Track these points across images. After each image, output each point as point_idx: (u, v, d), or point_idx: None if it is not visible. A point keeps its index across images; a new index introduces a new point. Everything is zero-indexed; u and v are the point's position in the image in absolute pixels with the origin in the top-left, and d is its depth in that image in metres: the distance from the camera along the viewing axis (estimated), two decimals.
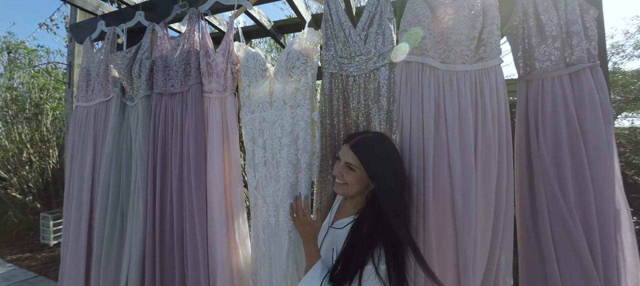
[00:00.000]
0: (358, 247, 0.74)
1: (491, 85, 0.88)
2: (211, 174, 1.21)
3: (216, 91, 1.24)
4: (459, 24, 0.90)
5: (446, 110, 0.90)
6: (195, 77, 1.27)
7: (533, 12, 0.91)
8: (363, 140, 0.84)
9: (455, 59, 0.92)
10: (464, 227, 0.78)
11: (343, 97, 1.11)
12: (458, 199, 0.82)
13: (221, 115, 1.24)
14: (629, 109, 4.06)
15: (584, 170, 0.79)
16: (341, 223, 0.88)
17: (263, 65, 1.16)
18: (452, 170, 0.84)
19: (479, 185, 0.83)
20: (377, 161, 0.80)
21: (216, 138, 1.22)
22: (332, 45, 1.11)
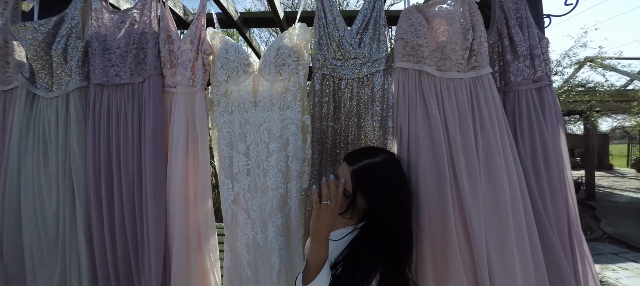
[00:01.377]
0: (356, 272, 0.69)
1: (486, 91, 0.94)
2: (173, 187, 0.98)
3: (181, 85, 1.02)
4: (453, 35, 0.95)
5: (446, 116, 0.93)
6: (154, 67, 1.01)
7: (507, 33, 1.03)
8: (366, 168, 0.75)
9: (451, 67, 0.97)
10: (478, 233, 0.81)
11: (334, 100, 1.05)
12: (469, 208, 0.84)
13: (187, 115, 1.02)
14: None
15: (553, 172, 0.91)
16: (338, 234, 0.81)
17: (246, 59, 1.00)
18: (459, 176, 0.87)
19: (484, 188, 0.87)
20: (378, 192, 0.73)
21: (180, 143, 0.99)
22: (325, 45, 1.03)
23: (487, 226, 0.84)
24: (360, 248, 0.72)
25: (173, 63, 1.03)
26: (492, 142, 0.92)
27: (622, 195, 6.91)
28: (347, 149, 1.05)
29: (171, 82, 1.03)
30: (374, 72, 1.01)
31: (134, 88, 1.02)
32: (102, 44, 1.00)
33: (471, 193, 0.87)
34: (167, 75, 1.03)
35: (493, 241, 0.84)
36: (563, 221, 0.94)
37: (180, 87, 1.02)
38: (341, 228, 0.82)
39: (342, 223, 0.84)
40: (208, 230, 1.04)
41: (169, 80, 1.03)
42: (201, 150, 1.02)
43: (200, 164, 1.01)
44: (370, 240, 0.72)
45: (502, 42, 1.04)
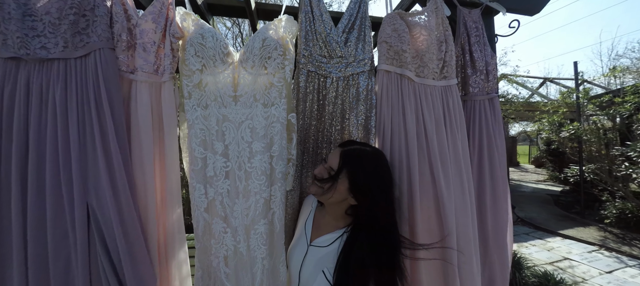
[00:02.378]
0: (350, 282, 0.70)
1: (454, 99, 1.06)
2: (137, 193, 0.81)
3: (143, 72, 0.84)
4: (431, 45, 1.03)
5: (425, 119, 1.01)
6: (105, 40, 0.80)
7: (468, 50, 1.17)
8: (356, 152, 0.78)
9: (428, 75, 1.05)
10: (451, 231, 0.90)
11: (318, 98, 1.02)
12: (445, 202, 0.94)
13: (152, 108, 0.85)
14: None
15: (497, 165, 1.09)
16: (325, 240, 0.82)
17: (225, 47, 0.89)
18: (436, 176, 0.95)
19: (453, 181, 0.98)
20: (363, 178, 0.74)
21: (145, 142, 0.82)
22: (311, 41, 0.99)
23: (457, 205, 0.97)
24: (352, 252, 0.73)
25: (130, 43, 0.84)
26: (458, 143, 1.05)
27: (527, 186, 8.73)
28: (329, 149, 1.04)
29: (128, 66, 0.84)
30: (359, 72, 1.02)
31: (69, 65, 0.79)
32: (20, 6, 0.74)
33: (445, 183, 0.97)
34: (123, 57, 0.83)
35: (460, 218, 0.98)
36: (503, 205, 1.14)
37: (141, 73, 0.84)
38: (329, 233, 0.82)
39: (330, 227, 0.84)
40: (175, 244, 0.90)
41: (125, 64, 0.83)
42: (169, 150, 0.87)
43: (168, 166, 0.86)
44: (362, 243, 0.73)
45: (464, 57, 1.18)
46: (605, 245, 3.72)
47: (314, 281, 0.76)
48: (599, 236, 4.07)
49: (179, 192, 0.91)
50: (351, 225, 0.79)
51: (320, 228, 0.85)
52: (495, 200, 1.13)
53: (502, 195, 1.13)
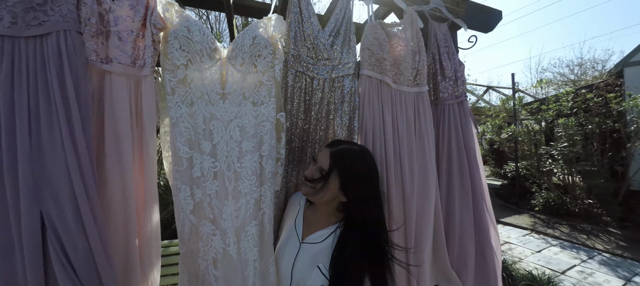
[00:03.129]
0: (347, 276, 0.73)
1: (424, 105, 1.17)
2: (113, 195, 0.74)
3: (119, 63, 0.76)
4: (407, 55, 1.12)
5: (398, 121, 1.10)
6: (70, 21, 0.70)
7: (438, 59, 1.30)
8: (345, 152, 0.81)
9: (403, 82, 1.14)
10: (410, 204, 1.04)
11: (304, 98, 1.05)
12: (407, 194, 1.05)
13: (130, 103, 0.78)
14: None
15: (469, 160, 1.23)
16: (318, 237, 0.84)
17: (213, 42, 0.85)
18: (403, 172, 1.05)
19: (418, 175, 1.10)
20: (352, 177, 0.78)
21: (123, 139, 0.75)
22: (300, 41, 1.01)
23: (418, 198, 1.09)
24: (345, 248, 0.75)
25: (100, 30, 0.76)
26: (425, 143, 1.16)
27: None
28: (314, 148, 1.07)
29: (99, 55, 0.75)
30: (344, 75, 1.07)
31: (16, 45, 0.68)
32: None
33: (410, 178, 1.08)
34: (92, 44, 0.74)
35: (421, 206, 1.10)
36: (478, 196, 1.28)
37: (116, 64, 0.76)
38: (321, 230, 0.85)
39: (322, 224, 0.86)
40: (151, 251, 0.83)
41: (93, 52, 0.75)
42: (147, 148, 0.80)
43: (147, 166, 0.80)
44: (356, 237, 0.76)
45: (435, 65, 1.31)
46: (535, 229, 4.41)
47: (309, 278, 0.78)
48: (530, 222, 4.80)
49: (157, 193, 0.85)
50: (343, 220, 0.82)
51: (312, 226, 0.87)
52: (464, 193, 1.26)
53: (477, 186, 1.27)
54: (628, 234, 4.04)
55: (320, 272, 0.77)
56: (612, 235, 4.04)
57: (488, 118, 8.14)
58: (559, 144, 5.12)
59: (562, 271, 3.04)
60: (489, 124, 8.00)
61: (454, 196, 1.21)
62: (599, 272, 3.00)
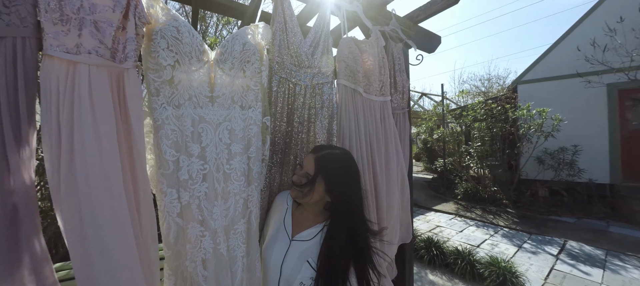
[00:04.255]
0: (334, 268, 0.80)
1: (388, 112, 1.37)
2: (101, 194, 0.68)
3: (96, 55, 0.70)
4: (375, 69, 1.30)
5: (368, 126, 1.27)
6: (29, 25, 0.62)
7: (393, 74, 1.53)
8: (328, 157, 0.88)
9: (372, 92, 1.32)
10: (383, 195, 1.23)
11: (288, 103, 1.12)
12: (380, 190, 1.22)
13: (112, 96, 0.72)
14: None
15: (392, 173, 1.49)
16: (307, 234, 0.91)
17: (201, 45, 0.86)
18: (375, 170, 1.23)
19: (384, 172, 1.29)
20: (337, 179, 0.85)
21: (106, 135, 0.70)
22: (284, 50, 1.08)
23: (387, 191, 1.29)
24: (332, 244, 0.83)
25: (68, 17, 0.68)
26: (390, 145, 1.38)
27: None
28: (297, 150, 1.16)
29: (59, 44, 0.67)
30: (324, 83, 1.18)
31: None
32: None
33: (380, 173, 1.28)
34: (50, 33, 0.66)
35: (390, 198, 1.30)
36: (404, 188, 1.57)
37: (94, 57, 0.70)
38: (310, 228, 0.92)
39: (310, 222, 0.93)
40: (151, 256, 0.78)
41: (56, 41, 0.66)
42: (136, 143, 0.76)
43: (137, 161, 0.76)
44: (341, 232, 0.84)
45: (391, 79, 1.53)
46: (458, 213, 5.34)
47: (299, 272, 0.84)
48: (454, 208, 5.78)
49: (150, 193, 0.80)
50: (329, 218, 0.90)
51: (301, 224, 0.93)
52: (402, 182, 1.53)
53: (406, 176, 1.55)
54: (519, 212, 5.27)
55: (310, 266, 0.84)
56: (509, 214, 5.21)
57: (423, 121, 9.37)
58: (474, 144, 6.30)
59: (477, 245, 3.80)
60: (423, 126, 9.23)
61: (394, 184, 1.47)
62: (501, 243, 3.86)
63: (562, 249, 3.62)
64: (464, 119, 6.74)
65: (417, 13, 1.69)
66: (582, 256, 3.40)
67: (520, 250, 3.62)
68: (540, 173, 5.89)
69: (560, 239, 3.95)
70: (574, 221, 4.79)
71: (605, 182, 5.50)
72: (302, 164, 0.93)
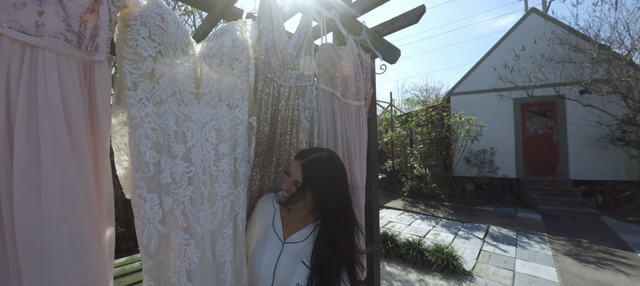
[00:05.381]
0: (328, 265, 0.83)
1: (362, 115, 1.47)
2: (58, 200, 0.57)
3: (65, 41, 0.59)
4: (351, 74, 1.38)
5: (346, 128, 1.34)
6: None
7: (363, 79, 1.65)
8: (315, 161, 0.87)
9: (349, 96, 1.40)
10: (359, 205, 1.28)
11: (272, 103, 1.12)
12: (357, 189, 1.31)
13: (82, 93, 0.62)
14: None
15: (365, 174, 1.63)
16: (299, 236, 0.91)
17: (187, 36, 0.79)
18: (353, 170, 1.31)
19: (362, 180, 1.38)
20: (328, 183, 0.85)
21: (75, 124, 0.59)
22: (270, 49, 1.07)
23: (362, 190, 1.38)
24: (326, 242, 0.84)
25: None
26: (364, 147, 1.48)
27: None
28: (280, 152, 1.15)
29: (10, 19, 0.54)
30: (307, 85, 1.21)
31: None
32: None
33: (357, 173, 1.36)
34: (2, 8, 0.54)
35: (367, 196, 1.39)
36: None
37: (52, 40, 0.59)
38: (301, 229, 0.92)
39: (301, 224, 0.93)
40: (107, 273, 0.68)
41: (6, 15, 0.54)
42: (102, 149, 0.66)
43: (103, 171, 0.65)
44: (333, 231, 0.85)
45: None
46: (406, 209, 5.92)
47: (294, 274, 0.83)
48: (402, 204, 6.39)
49: (112, 200, 0.70)
50: (319, 217, 0.90)
51: (291, 226, 0.92)
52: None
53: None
54: (453, 205, 6.13)
55: (305, 266, 0.84)
56: (446, 207, 6.02)
57: None
58: (417, 146, 7.10)
59: (423, 235, 4.29)
60: None
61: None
62: (442, 232, 4.44)
63: (487, 233, 4.37)
64: (409, 124, 7.54)
65: (383, 27, 1.86)
66: (500, 237, 4.16)
67: (457, 236, 4.23)
68: (468, 171, 6.98)
69: (485, 225, 4.75)
70: (493, 209, 5.82)
71: (513, 176, 6.84)
72: (288, 171, 0.91)
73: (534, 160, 6.77)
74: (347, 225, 0.88)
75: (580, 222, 4.83)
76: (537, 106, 6.85)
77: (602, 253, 3.52)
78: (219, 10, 1.49)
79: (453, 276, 3.02)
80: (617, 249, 3.66)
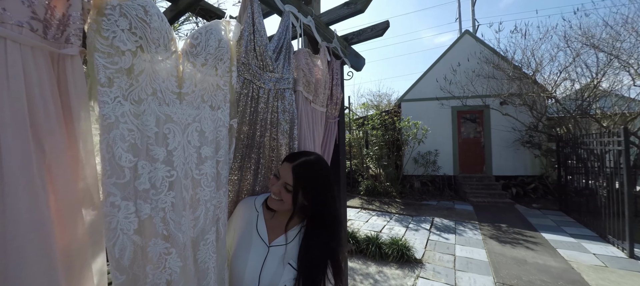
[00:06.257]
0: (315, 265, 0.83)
1: (328, 121, 1.55)
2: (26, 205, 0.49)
3: (30, 30, 0.51)
4: (322, 82, 1.45)
5: (314, 132, 1.40)
6: None
7: (331, 87, 1.74)
8: (305, 164, 0.88)
9: (318, 102, 1.46)
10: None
11: (251, 104, 1.11)
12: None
13: (49, 89, 0.54)
14: None
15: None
16: (284, 239, 0.90)
17: (170, 31, 0.75)
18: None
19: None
20: (317, 185, 0.87)
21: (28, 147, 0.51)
22: (250, 51, 1.06)
23: None
24: (311, 245, 0.85)
25: None
26: (328, 149, 1.57)
27: None
28: (258, 153, 1.15)
29: None
30: (286, 88, 1.22)
31: None
32: None
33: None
34: None
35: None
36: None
37: (15, 28, 0.50)
38: (281, 234, 0.91)
39: (280, 230, 0.92)
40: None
41: None
42: (85, 142, 0.58)
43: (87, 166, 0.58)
44: (318, 232, 0.87)
45: (329, 91, 1.73)
46: (363, 207, 6.29)
47: (280, 277, 0.83)
48: (359, 202, 6.76)
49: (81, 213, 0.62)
50: (304, 219, 0.92)
51: (276, 229, 0.92)
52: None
53: None
54: (404, 201, 6.75)
55: (292, 267, 0.85)
56: (398, 203, 6.59)
57: None
58: (373, 148, 7.61)
59: (380, 230, 4.63)
60: None
61: None
62: (396, 226, 4.86)
63: (432, 224, 4.94)
64: (365, 127, 8.03)
65: (351, 36, 1.98)
66: (443, 227, 4.75)
67: (408, 229, 4.68)
68: (415, 170, 7.76)
69: (430, 217, 5.36)
70: (436, 203, 6.60)
71: (451, 174, 7.86)
72: (278, 174, 0.91)
73: (467, 160, 7.90)
74: (335, 224, 0.91)
75: (500, 210, 5.83)
76: (469, 113, 8.03)
77: (517, 235, 4.33)
78: (185, 5, 1.40)
79: (407, 265, 3.34)
80: (526, 230, 4.55)
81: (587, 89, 6.01)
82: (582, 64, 6.04)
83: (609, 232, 3.89)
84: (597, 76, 5.80)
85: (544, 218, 5.23)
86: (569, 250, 3.72)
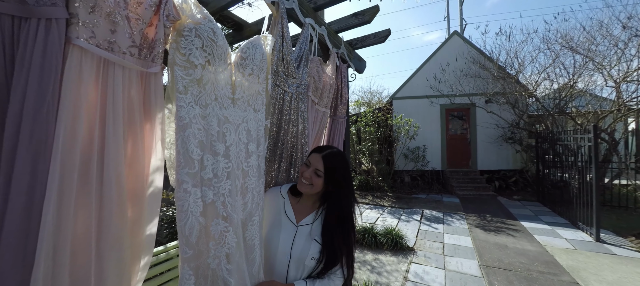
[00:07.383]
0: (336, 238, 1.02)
1: (328, 120, 1.73)
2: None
3: (131, 55, 0.65)
4: (329, 88, 1.62)
5: (315, 129, 1.58)
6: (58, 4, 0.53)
7: (340, 89, 1.92)
8: (332, 154, 1.07)
9: (322, 104, 1.63)
10: None
11: (278, 107, 1.27)
12: None
13: (140, 103, 0.68)
14: None
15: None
16: (309, 219, 1.08)
17: (228, 48, 0.90)
18: None
19: None
20: (341, 172, 1.06)
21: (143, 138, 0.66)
22: (280, 61, 1.21)
23: None
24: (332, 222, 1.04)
25: (101, 7, 0.61)
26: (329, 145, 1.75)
27: None
28: (283, 149, 1.31)
29: (90, 36, 0.59)
30: (304, 93, 1.39)
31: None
32: None
33: None
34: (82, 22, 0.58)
35: None
36: None
37: (121, 55, 0.64)
38: (310, 214, 1.10)
39: (309, 209, 1.11)
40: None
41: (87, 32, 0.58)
42: (158, 148, 0.73)
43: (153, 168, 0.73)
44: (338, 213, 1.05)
45: (337, 93, 1.91)
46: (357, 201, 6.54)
47: (308, 250, 1.01)
48: None
49: (160, 203, 0.78)
50: (324, 202, 1.09)
51: (302, 212, 1.10)
52: None
53: None
54: (395, 195, 7.06)
55: (317, 242, 1.03)
56: (389, 197, 6.89)
57: None
58: (366, 144, 7.87)
59: (374, 222, 4.89)
60: None
61: None
62: (388, 218, 5.14)
63: (422, 216, 5.26)
64: (358, 124, 8.26)
65: (355, 42, 2.15)
66: (432, 218, 5.07)
67: (400, 221, 4.97)
68: (406, 165, 8.09)
69: (420, 209, 5.68)
70: (425, 196, 6.96)
71: (439, 169, 8.26)
72: (308, 163, 1.08)
73: (454, 155, 8.32)
74: (352, 202, 1.11)
75: (484, 202, 6.24)
76: (457, 111, 8.42)
77: (499, 223, 4.71)
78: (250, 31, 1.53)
79: (400, 252, 3.61)
80: (508, 219, 4.94)
81: (564, 89, 6.49)
82: (561, 65, 6.50)
83: (580, 219, 4.31)
84: (573, 77, 6.27)
85: (523, 209, 5.66)
86: (544, 236, 4.10)
